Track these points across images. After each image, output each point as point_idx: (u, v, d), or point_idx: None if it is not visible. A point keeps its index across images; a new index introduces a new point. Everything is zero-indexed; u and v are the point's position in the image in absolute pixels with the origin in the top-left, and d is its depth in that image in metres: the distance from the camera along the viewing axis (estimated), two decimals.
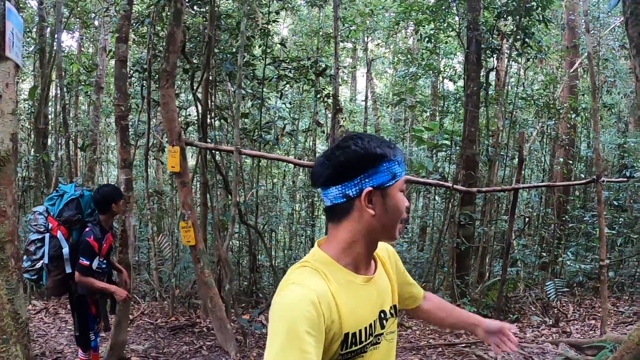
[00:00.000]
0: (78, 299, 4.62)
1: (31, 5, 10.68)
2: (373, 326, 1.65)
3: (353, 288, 1.59)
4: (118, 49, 5.44)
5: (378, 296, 1.68)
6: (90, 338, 4.74)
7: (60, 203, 4.63)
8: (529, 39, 8.95)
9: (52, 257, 4.48)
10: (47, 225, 4.54)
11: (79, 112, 13.90)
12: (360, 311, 1.60)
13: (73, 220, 4.60)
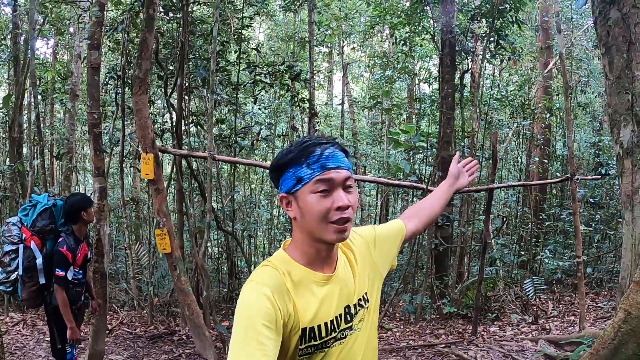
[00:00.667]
0: (54, 310, 4.57)
1: (5, 13, 10.55)
2: (335, 322, 1.67)
3: (310, 286, 1.65)
4: (90, 55, 5.40)
5: (341, 293, 1.70)
6: (66, 350, 4.68)
7: (34, 213, 4.60)
8: (502, 40, 9.06)
9: (26, 268, 4.45)
10: (21, 236, 4.52)
11: (55, 121, 13.74)
12: (319, 307, 1.64)
13: (46, 230, 4.58)
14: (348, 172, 1.62)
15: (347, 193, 1.61)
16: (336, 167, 1.59)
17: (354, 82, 21.91)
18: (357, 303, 1.73)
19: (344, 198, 1.58)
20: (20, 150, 8.73)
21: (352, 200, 1.61)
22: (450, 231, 9.46)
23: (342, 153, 1.65)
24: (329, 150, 1.60)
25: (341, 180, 1.60)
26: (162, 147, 6.64)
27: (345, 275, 1.74)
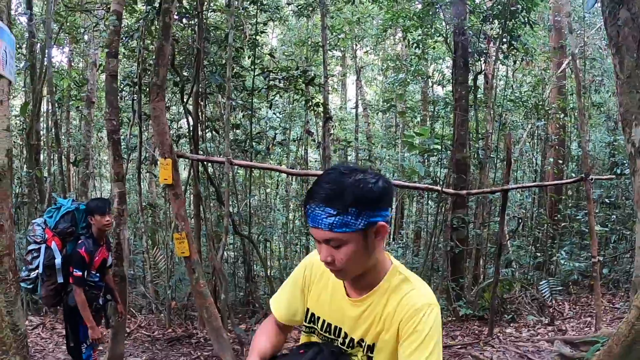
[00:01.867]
0: (70, 310, 4.68)
1: (21, 22, 10.72)
2: (335, 329, 1.86)
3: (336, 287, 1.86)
4: (108, 63, 5.49)
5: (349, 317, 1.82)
6: (82, 350, 4.77)
7: (57, 216, 4.75)
8: (515, 41, 9.05)
9: (45, 267, 4.60)
10: (43, 237, 4.67)
11: (71, 128, 13.91)
12: (327, 305, 1.87)
13: (67, 232, 4.71)
14: (327, 234, 1.62)
15: (333, 248, 1.64)
16: (313, 226, 1.65)
17: (368, 85, 21.93)
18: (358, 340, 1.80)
19: (323, 254, 1.67)
20: (38, 157, 8.86)
21: (337, 256, 1.64)
22: (465, 233, 9.44)
23: (332, 210, 1.60)
24: (313, 208, 1.63)
25: (320, 238, 1.66)
26: (180, 152, 6.71)
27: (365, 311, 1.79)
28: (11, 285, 2.95)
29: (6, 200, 3.02)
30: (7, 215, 3.01)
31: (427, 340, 1.65)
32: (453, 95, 9.67)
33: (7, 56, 3.03)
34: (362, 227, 1.61)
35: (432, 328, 1.66)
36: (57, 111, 12.95)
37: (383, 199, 1.66)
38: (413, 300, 1.70)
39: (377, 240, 1.69)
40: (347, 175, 1.63)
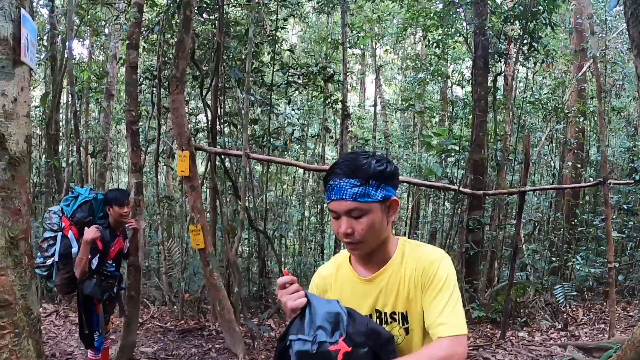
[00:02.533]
0: (84, 299, 4.72)
1: (42, 14, 10.84)
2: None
3: (348, 280, 1.98)
4: (129, 55, 5.52)
5: (375, 296, 1.91)
6: (94, 337, 4.81)
7: (74, 204, 4.79)
8: (535, 43, 8.95)
9: (61, 255, 4.63)
10: (60, 225, 4.70)
11: (90, 119, 14.03)
12: (348, 300, 1.89)
13: (84, 221, 4.73)
14: (351, 204, 1.77)
15: (354, 220, 1.78)
16: (337, 198, 1.79)
17: (387, 84, 21.86)
18: (389, 314, 1.90)
19: (344, 226, 1.79)
20: (57, 147, 8.95)
21: (357, 227, 1.79)
22: (481, 235, 9.37)
23: (355, 181, 1.76)
24: (336, 182, 1.79)
25: (343, 210, 1.79)
26: (198, 145, 6.75)
27: (387, 284, 1.90)
28: (26, 270, 2.97)
29: (24, 185, 3.04)
30: (25, 200, 3.04)
31: (446, 284, 1.78)
32: (472, 95, 9.59)
33: (29, 44, 3.06)
34: (380, 198, 1.79)
35: (449, 274, 1.81)
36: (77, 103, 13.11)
37: (394, 177, 1.85)
38: (427, 256, 1.87)
39: (390, 214, 1.86)
40: (363, 156, 1.82)
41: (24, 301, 2.92)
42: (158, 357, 6.13)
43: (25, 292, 2.94)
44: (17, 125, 2.96)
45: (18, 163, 2.98)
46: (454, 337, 1.69)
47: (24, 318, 2.89)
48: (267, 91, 8.97)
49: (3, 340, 2.70)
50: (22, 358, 2.74)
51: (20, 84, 3.01)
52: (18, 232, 2.94)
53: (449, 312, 1.74)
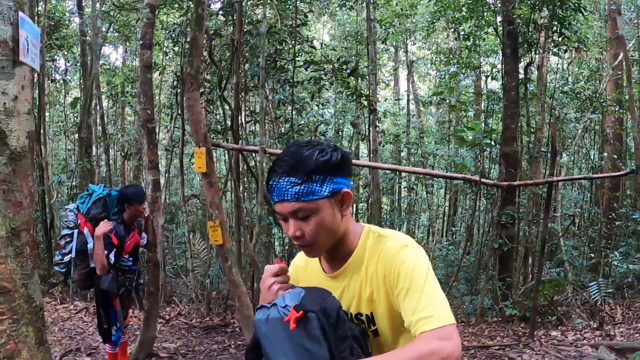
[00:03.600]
0: (101, 293, 4.82)
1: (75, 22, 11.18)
2: None
3: (315, 274, 1.86)
4: (142, 55, 5.64)
5: (339, 295, 1.76)
6: (112, 332, 4.91)
7: (89, 201, 4.88)
8: (565, 29, 8.66)
9: (78, 251, 4.74)
10: (76, 222, 4.81)
11: (125, 123, 14.36)
12: None
13: (99, 217, 4.81)
14: (294, 204, 1.60)
15: (301, 221, 1.63)
16: (279, 200, 1.63)
17: (421, 80, 21.66)
18: (356, 315, 1.76)
19: (292, 229, 1.64)
20: (90, 150, 9.21)
21: (306, 229, 1.63)
22: (515, 230, 9.14)
23: (296, 179, 1.60)
24: (276, 181, 1.62)
25: (286, 212, 1.63)
26: (215, 142, 6.82)
27: (349, 283, 1.77)
28: (28, 260, 3.03)
29: (26, 179, 3.11)
30: (27, 192, 3.11)
31: (416, 276, 1.58)
32: (502, 87, 9.38)
33: (29, 45, 3.14)
34: (327, 193, 1.62)
35: (415, 265, 1.61)
36: (112, 107, 13.47)
37: (344, 166, 1.67)
38: (388, 249, 1.68)
39: (343, 209, 1.68)
40: (306, 147, 1.65)
41: (25, 289, 2.97)
42: (178, 352, 6.21)
43: (27, 280, 3.00)
44: (17, 122, 3.02)
45: (19, 158, 3.05)
46: (440, 328, 1.49)
47: (24, 305, 2.94)
48: (291, 88, 8.99)
49: (1, 326, 2.77)
50: (20, 343, 2.81)
51: (20, 83, 3.08)
52: (19, 224, 3.00)
53: (425, 305, 1.54)
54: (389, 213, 16.32)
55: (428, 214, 17.47)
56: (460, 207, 17.02)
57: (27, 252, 3.01)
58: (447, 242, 14.44)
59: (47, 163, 9.30)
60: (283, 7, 8.85)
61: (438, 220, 17.06)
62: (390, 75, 20.67)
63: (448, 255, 12.58)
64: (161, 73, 12.21)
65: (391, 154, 17.64)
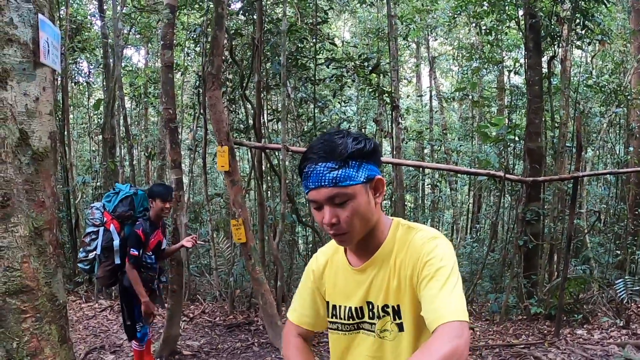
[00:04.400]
0: (125, 290, 4.89)
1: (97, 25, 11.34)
2: (356, 311, 1.80)
3: (341, 268, 1.84)
4: (163, 55, 5.69)
5: (366, 287, 1.76)
6: (137, 328, 4.96)
7: (116, 200, 4.97)
8: (588, 21, 8.50)
9: (103, 248, 4.83)
10: (102, 219, 4.91)
11: (149, 124, 14.51)
12: (342, 290, 1.82)
13: (125, 215, 4.93)
14: (331, 190, 1.59)
15: (338, 207, 1.61)
16: (315, 187, 1.61)
17: (443, 76, 21.50)
18: (380, 307, 1.75)
19: (327, 215, 1.62)
20: (114, 150, 9.33)
21: (342, 215, 1.61)
22: (540, 227, 9.01)
23: (333, 164, 1.59)
24: (312, 168, 1.61)
25: (323, 198, 1.61)
26: (237, 140, 6.85)
27: (377, 274, 1.76)
28: (51, 258, 3.07)
29: (48, 179, 3.16)
30: (50, 192, 3.15)
31: (442, 267, 1.59)
32: (526, 81, 9.25)
33: (50, 46, 3.18)
34: (363, 179, 1.62)
35: (442, 256, 1.61)
36: (136, 108, 13.61)
37: (376, 154, 1.67)
38: (418, 240, 1.69)
39: (377, 196, 1.69)
40: (339, 135, 1.65)
41: (48, 288, 3.01)
42: (202, 350, 6.26)
43: (50, 279, 3.04)
44: (39, 123, 3.06)
45: (42, 158, 3.09)
46: (455, 323, 1.48)
47: (47, 304, 2.98)
48: (312, 86, 8.99)
49: (25, 324, 2.80)
50: (43, 341, 2.84)
51: (42, 84, 3.12)
52: (42, 223, 3.04)
53: (447, 296, 1.53)
54: (412, 210, 16.24)
55: (452, 211, 17.36)
56: (485, 203, 16.85)
57: (50, 251, 3.05)
58: (471, 240, 14.32)
59: (71, 164, 9.43)
60: (303, 5, 8.84)
61: (462, 218, 16.93)
62: (412, 71, 20.57)
63: (472, 252, 12.47)
64: (183, 73, 12.32)
65: (414, 150, 17.55)
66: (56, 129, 3.66)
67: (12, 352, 2.70)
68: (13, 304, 2.69)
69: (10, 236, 2.71)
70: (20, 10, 2.82)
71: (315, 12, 8.74)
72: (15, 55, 2.75)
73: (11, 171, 2.73)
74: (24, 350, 2.73)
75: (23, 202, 2.79)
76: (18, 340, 2.71)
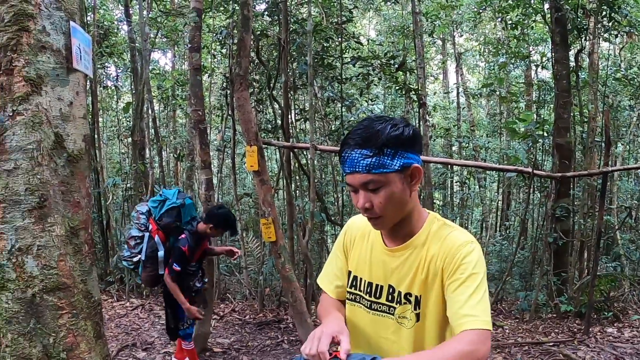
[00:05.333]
0: (169, 294, 4.91)
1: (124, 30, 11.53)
2: (376, 289, 1.83)
3: (374, 243, 1.87)
4: (191, 57, 5.79)
5: (392, 270, 1.80)
6: (180, 328, 5.04)
7: (162, 208, 4.89)
8: (615, 13, 8.35)
9: (148, 257, 4.81)
10: (147, 226, 4.86)
11: (177, 126, 14.70)
12: (367, 264, 1.86)
13: (171, 226, 4.87)
14: (365, 176, 1.63)
15: (372, 193, 1.65)
16: (350, 172, 1.66)
17: (470, 72, 21.32)
18: (402, 293, 1.77)
19: (361, 200, 1.67)
20: (143, 152, 9.50)
21: (376, 201, 1.66)
22: (570, 224, 8.88)
23: (368, 151, 1.62)
24: (348, 153, 1.66)
25: (357, 184, 1.66)
26: (266, 140, 6.91)
27: (406, 261, 1.78)
28: (86, 257, 3.16)
29: (83, 180, 3.25)
30: (85, 193, 3.24)
31: (474, 273, 1.62)
32: (553, 76, 9.13)
33: (82, 52, 3.28)
34: (398, 167, 1.64)
35: (476, 263, 1.64)
36: (164, 111, 13.80)
37: (415, 142, 1.68)
38: (454, 239, 1.70)
39: (412, 184, 1.70)
40: (379, 121, 1.66)
41: (83, 285, 3.10)
42: (232, 347, 6.34)
43: (86, 277, 3.13)
44: (74, 126, 3.15)
45: (76, 160, 3.18)
46: (480, 331, 1.52)
47: (83, 301, 3.07)
48: (339, 85, 9.03)
49: (61, 320, 2.89)
50: (79, 337, 2.93)
51: (75, 89, 3.21)
52: (78, 223, 3.12)
53: (475, 303, 1.57)
54: (441, 208, 16.14)
55: (481, 208, 17.19)
56: (514, 200, 16.67)
57: (85, 249, 3.14)
58: (500, 237, 14.17)
59: (102, 166, 9.63)
60: (328, 5, 8.87)
61: (491, 215, 16.74)
62: (439, 68, 20.44)
63: (502, 250, 12.35)
64: (210, 75, 12.46)
65: (442, 148, 17.44)
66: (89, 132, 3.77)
67: (49, 347, 2.79)
68: (50, 300, 2.79)
69: (47, 235, 2.81)
70: (52, 18, 2.91)
71: (340, 11, 8.77)
72: (49, 61, 2.85)
73: (47, 173, 2.83)
74: (60, 345, 2.82)
75: (59, 202, 2.88)
76: (55, 335, 2.80)
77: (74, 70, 3.10)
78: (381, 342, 1.83)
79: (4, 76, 2.76)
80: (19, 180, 2.75)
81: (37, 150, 2.80)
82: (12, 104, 2.76)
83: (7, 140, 2.75)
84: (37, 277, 2.77)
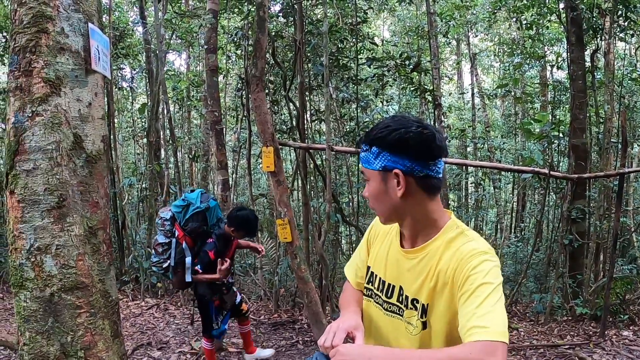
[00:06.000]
0: (201, 298, 4.99)
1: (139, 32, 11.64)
2: (389, 288, 1.85)
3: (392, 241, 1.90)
4: (207, 59, 5.82)
5: (403, 272, 1.82)
6: (212, 329, 5.11)
7: (187, 213, 4.85)
8: (631, 13, 8.28)
9: (176, 263, 4.81)
10: (173, 232, 4.82)
11: (192, 126, 14.80)
12: (383, 262, 1.89)
13: (198, 231, 4.87)
14: (361, 166, 1.76)
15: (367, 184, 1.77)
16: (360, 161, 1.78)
17: (484, 73, 21.22)
18: (409, 297, 1.77)
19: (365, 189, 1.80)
20: (159, 153, 9.57)
21: (366, 192, 1.79)
22: (586, 226, 8.79)
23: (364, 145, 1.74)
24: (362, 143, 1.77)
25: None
26: (282, 141, 6.92)
27: (417, 266, 1.78)
28: (104, 257, 3.20)
29: (102, 180, 3.28)
30: (103, 193, 3.28)
31: (485, 283, 1.54)
32: (569, 76, 9.06)
33: (100, 54, 3.31)
34: (378, 168, 1.69)
35: (487, 273, 1.56)
36: (179, 112, 13.89)
37: (402, 147, 1.63)
38: (468, 249, 1.65)
39: (398, 189, 1.67)
40: (395, 119, 1.70)
41: (101, 285, 3.14)
42: None
43: (103, 276, 3.16)
44: (92, 127, 3.19)
45: (95, 160, 3.22)
46: (488, 342, 1.42)
47: (100, 300, 3.10)
48: (354, 86, 9.04)
49: (79, 319, 2.93)
50: (97, 335, 2.96)
51: (94, 90, 3.25)
52: (96, 222, 3.16)
53: (484, 313, 1.48)
54: (456, 209, 16.08)
55: (496, 209, 17.11)
56: (529, 202, 16.56)
57: (103, 249, 3.18)
58: (515, 239, 14.08)
59: (117, 167, 9.71)
60: (342, 6, 8.88)
61: (506, 216, 16.65)
62: (454, 69, 20.39)
63: (517, 252, 12.27)
64: (225, 76, 12.52)
65: (457, 149, 17.38)
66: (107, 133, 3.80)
67: (67, 346, 2.82)
68: (68, 299, 2.82)
69: (66, 235, 2.84)
70: (71, 20, 2.94)
71: (355, 12, 8.77)
72: (68, 63, 2.88)
73: (66, 173, 2.86)
74: (78, 344, 2.85)
75: (78, 202, 2.91)
76: (72, 334, 2.83)
77: (92, 72, 3.13)
78: (392, 343, 1.84)
79: (23, 77, 2.81)
80: (38, 180, 2.79)
81: (56, 150, 2.83)
82: (32, 104, 2.80)
83: (27, 140, 2.80)
84: (55, 276, 2.81)
